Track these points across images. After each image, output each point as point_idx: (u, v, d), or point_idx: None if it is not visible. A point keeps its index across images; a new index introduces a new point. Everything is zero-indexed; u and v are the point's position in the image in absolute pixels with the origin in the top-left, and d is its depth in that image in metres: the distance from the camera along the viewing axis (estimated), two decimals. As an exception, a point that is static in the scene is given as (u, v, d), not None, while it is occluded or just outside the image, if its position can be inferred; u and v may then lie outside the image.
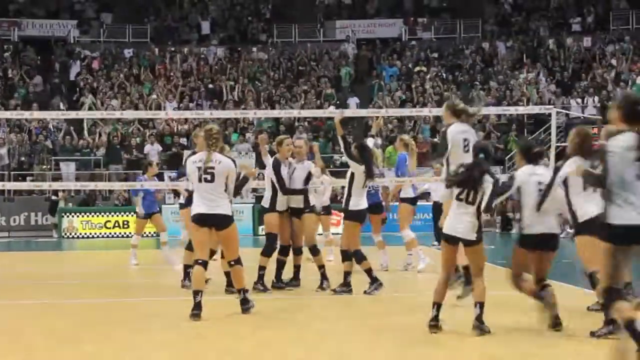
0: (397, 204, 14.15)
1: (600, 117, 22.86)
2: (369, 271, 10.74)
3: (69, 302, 10.75)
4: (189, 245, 11.44)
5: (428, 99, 30.02)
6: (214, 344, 7.89)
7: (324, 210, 14.09)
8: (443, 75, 32.62)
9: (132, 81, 31.89)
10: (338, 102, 29.84)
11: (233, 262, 9.31)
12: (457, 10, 36.78)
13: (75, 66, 32.96)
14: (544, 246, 8.21)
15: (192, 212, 9.25)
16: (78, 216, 24.42)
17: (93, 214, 24.54)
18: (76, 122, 28.78)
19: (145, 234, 17.55)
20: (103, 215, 24.50)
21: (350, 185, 10.70)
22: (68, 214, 24.46)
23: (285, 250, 11.36)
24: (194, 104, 29.73)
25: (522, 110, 22.88)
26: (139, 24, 35.91)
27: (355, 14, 37.39)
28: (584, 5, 35.55)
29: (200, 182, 9.10)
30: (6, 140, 27.41)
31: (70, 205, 25.43)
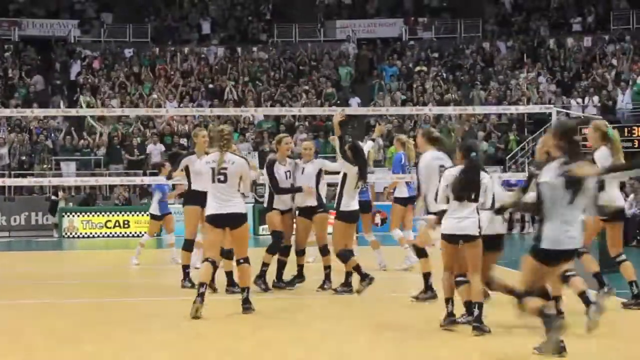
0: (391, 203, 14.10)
1: (600, 117, 22.85)
2: (357, 268, 10.51)
3: (69, 302, 10.75)
4: (185, 246, 11.46)
5: (428, 99, 30.00)
6: (214, 344, 7.90)
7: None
8: (443, 75, 32.56)
9: (133, 81, 31.88)
10: (339, 102, 29.82)
11: (242, 260, 9.34)
12: (458, 10, 36.74)
13: (75, 66, 32.91)
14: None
15: (207, 212, 9.33)
16: (78, 216, 24.40)
17: (93, 213, 24.52)
18: (76, 122, 28.78)
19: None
20: (103, 215, 24.48)
21: (342, 186, 10.68)
22: (68, 214, 24.45)
23: (285, 250, 11.34)
24: (194, 104, 29.70)
25: (522, 110, 22.89)
26: (140, 23, 35.87)
27: (356, 14, 37.35)
28: (584, 5, 35.49)
29: (214, 183, 9.19)
30: (7, 140, 27.41)
31: (70, 205, 25.42)
